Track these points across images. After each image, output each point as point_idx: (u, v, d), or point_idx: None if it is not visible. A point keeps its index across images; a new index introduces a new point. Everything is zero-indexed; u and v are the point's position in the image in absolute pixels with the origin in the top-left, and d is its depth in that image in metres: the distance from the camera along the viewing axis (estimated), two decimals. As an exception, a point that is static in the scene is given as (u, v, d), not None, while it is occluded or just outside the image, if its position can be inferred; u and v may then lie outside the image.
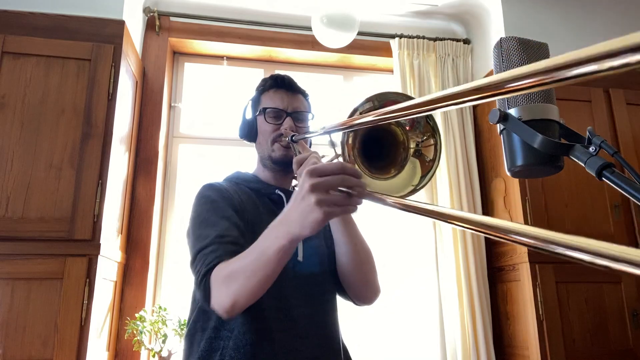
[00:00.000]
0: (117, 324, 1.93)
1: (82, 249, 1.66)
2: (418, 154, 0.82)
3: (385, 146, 0.84)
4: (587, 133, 0.54)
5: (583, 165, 0.51)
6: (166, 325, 1.84)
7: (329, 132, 0.88)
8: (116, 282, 1.92)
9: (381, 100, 0.78)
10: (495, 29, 2.39)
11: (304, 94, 1.23)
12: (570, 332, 1.92)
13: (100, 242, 1.68)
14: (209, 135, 2.46)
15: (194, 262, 0.93)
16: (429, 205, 0.50)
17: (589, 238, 0.28)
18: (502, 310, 2.19)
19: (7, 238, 1.62)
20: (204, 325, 1.01)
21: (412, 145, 0.83)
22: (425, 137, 0.83)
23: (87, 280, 1.62)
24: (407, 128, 0.82)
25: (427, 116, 0.81)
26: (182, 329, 1.86)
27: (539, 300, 1.91)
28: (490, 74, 2.35)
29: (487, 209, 2.33)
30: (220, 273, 0.86)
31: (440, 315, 2.15)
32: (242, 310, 0.87)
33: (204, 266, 0.89)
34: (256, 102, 1.21)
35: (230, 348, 0.95)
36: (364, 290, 1.09)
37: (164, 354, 1.82)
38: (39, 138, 1.73)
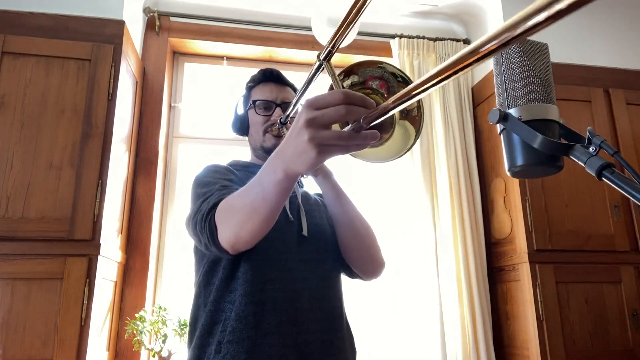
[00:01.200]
0: (117, 324, 1.93)
1: (82, 249, 1.66)
2: (405, 114, 0.83)
3: None
4: (587, 133, 0.54)
5: (583, 165, 0.51)
6: (166, 325, 1.84)
7: (301, 95, 0.92)
8: (116, 282, 1.92)
9: (364, 75, 0.81)
10: (495, 29, 2.39)
11: (292, 86, 1.28)
12: (570, 332, 1.92)
13: (100, 242, 1.68)
14: (209, 135, 2.46)
15: (197, 211, 0.92)
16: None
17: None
18: (502, 310, 2.20)
19: (7, 238, 1.62)
20: (205, 300, 1.02)
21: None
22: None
23: (87, 280, 1.62)
24: (386, 95, 0.84)
25: (392, 73, 0.81)
26: (182, 329, 1.86)
27: (539, 300, 1.91)
28: (490, 74, 2.35)
29: (487, 209, 2.33)
30: (223, 206, 0.86)
31: (440, 315, 2.15)
32: (246, 247, 0.87)
33: (207, 205, 0.90)
34: (247, 97, 1.26)
35: (232, 319, 0.96)
36: (368, 264, 1.11)
37: (164, 354, 1.82)
38: (39, 138, 1.73)
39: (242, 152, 2.39)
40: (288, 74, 1.31)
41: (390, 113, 0.53)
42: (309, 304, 1.01)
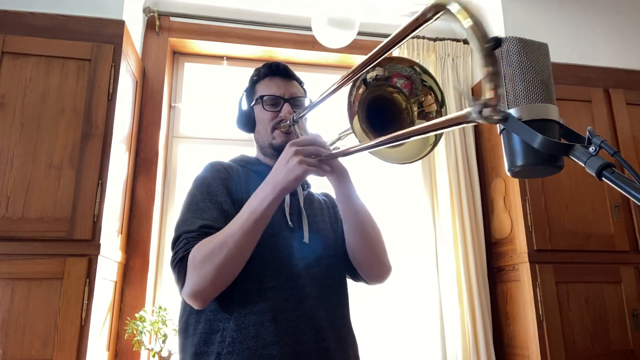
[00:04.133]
0: (117, 324, 1.93)
1: (82, 249, 1.66)
2: (423, 115, 0.85)
3: (390, 116, 0.89)
4: (587, 133, 0.54)
5: (583, 165, 0.51)
6: (166, 325, 1.84)
7: (321, 101, 0.96)
8: (116, 282, 1.92)
9: (391, 70, 0.86)
10: (495, 29, 2.39)
11: (298, 80, 1.22)
12: (570, 332, 1.92)
13: (100, 242, 1.68)
14: (209, 135, 2.46)
15: (175, 243, 0.97)
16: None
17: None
18: (502, 310, 2.20)
19: (7, 238, 1.62)
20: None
21: (415, 108, 0.87)
22: (424, 97, 0.87)
23: (87, 280, 1.62)
24: (408, 94, 0.85)
25: (422, 79, 0.87)
26: (182, 329, 1.86)
27: (539, 300, 1.91)
28: (490, 74, 2.34)
29: (487, 209, 2.33)
30: (200, 251, 0.91)
31: (440, 315, 2.15)
32: (224, 286, 0.92)
33: (181, 251, 0.93)
34: (251, 92, 1.20)
35: (231, 329, 0.94)
36: (375, 268, 1.10)
37: (164, 354, 1.82)
38: (39, 138, 1.73)
39: (242, 152, 2.38)
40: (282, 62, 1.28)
41: (346, 154, 0.86)
42: (311, 312, 0.99)
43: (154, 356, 1.84)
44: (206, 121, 2.48)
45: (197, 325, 0.98)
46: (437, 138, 0.84)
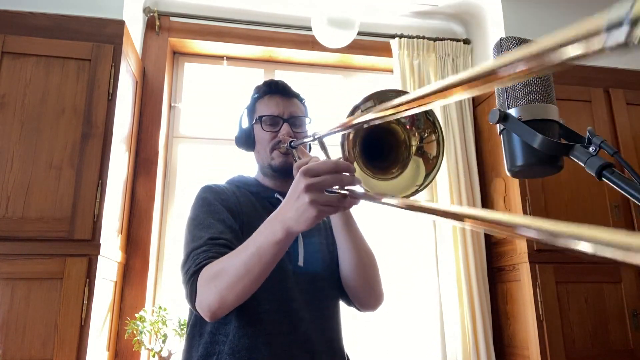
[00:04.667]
0: (117, 324, 1.93)
1: (82, 249, 1.66)
2: (421, 152, 0.81)
3: (386, 146, 0.83)
4: (587, 133, 0.54)
5: (583, 165, 0.51)
6: (166, 325, 1.84)
7: (321, 138, 0.87)
8: (116, 282, 1.92)
9: (381, 98, 0.76)
10: (495, 29, 2.39)
11: (299, 97, 1.20)
12: (570, 332, 1.92)
13: (100, 242, 1.68)
14: (209, 135, 2.45)
15: (185, 262, 0.94)
16: (425, 203, 0.49)
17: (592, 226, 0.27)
18: (502, 310, 2.19)
19: (7, 238, 1.62)
20: (201, 330, 1.00)
21: (414, 143, 0.82)
22: (426, 134, 0.81)
23: (87, 280, 1.62)
24: (408, 127, 0.81)
25: (426, 112, 0.80)
26: (182, 329, 1.86)
27: (539, 300, 1.91)
28: (490, 74, 2.34)
29: (487, 209, 2.32)
30: (209, 271, 0.86)
31: (440, 315, 2.15)
32: (230, 309, 0.87)
33: (193, 266, 0.90)
34: (251, 110, 1.19)
35: (225, 353, 0.94)
36: (367, 296, 1.07)
37: (164, 354, 1.82)
38: (39, 138, 1.73)
39: (242, 152, 2.38)
40: (288, 74, 1.27)
41: (370, 201, 0.67)
42: (304, 336, 0.98)
43: (154, 356, 1.84)
44: (206, 121, 2.48)
45: (198, 346, 0.99)
46: (427, 178, 0.81)
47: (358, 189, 0.73)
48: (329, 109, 2.57)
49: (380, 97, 0.76)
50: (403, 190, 0.79)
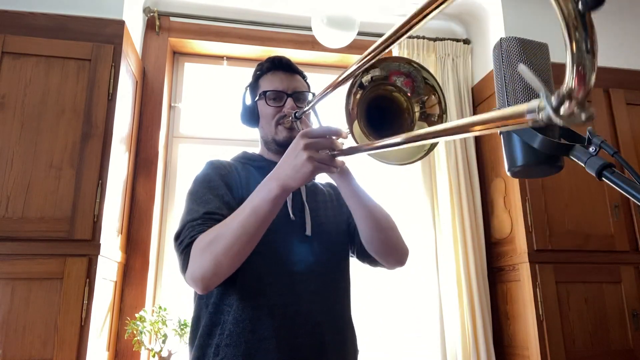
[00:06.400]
0: (117, 324, 1.93)
1: (82, 249, 1.66)
2: (424, 116, 0.82)
3: (390, 115, 0.86)
4: (587, 133, 0.54)
5: (583, 165, 0.51)
6: (166, 325, 1.84)
7: (321, 98, 0.92)
8: (116, 282, 1.92)
9: (388, 69, 0.81)
10: (495, 29, 2.39)
11: (302, 74, 1.21)
12: (570, 332, 1.92)
13: (100, 242, 1.68)
14: (209, 135, 2.46)
15: (180, 234, 0.96)
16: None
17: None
18: (502, 310, 2.19)
19: (7, 238, 1.62)
20: (207, 301, 1.02)
21: (417, 109, 0.84)
22: (427, 97, 0.83)
23: (87, 280, 1.62)
24: (409, 94, 0.83)
25: (423, 76, 0.83)
26: (182, 329, 1.86)
27: (539, 300, 1.91)
28: (490, 74, 2.35)
29: (487, 209, 2.33)
30: (204, 239, 0.89)
31: (440, 315, 2.15)
32: (223, 277, 0.89)
33: (187, 237, 0.93)
34: (254, 86, 1.20)
35: (229, 322, 0.96)
36: (392, 254, 1.10)
37: (164, 354, 1.82)
38: (39, 138, 1.73)
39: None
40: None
41: (359, 153, 0.74)
42: (309, 307, 1.00)
43: (154, 356, 1.84)
44: (206, 121, 2.48)
45: (203, 319, 1.01)
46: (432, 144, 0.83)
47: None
48: (329, 109, 2.56)
49: (386, 69, 0.82)
50: (413, 154, 0.81)
